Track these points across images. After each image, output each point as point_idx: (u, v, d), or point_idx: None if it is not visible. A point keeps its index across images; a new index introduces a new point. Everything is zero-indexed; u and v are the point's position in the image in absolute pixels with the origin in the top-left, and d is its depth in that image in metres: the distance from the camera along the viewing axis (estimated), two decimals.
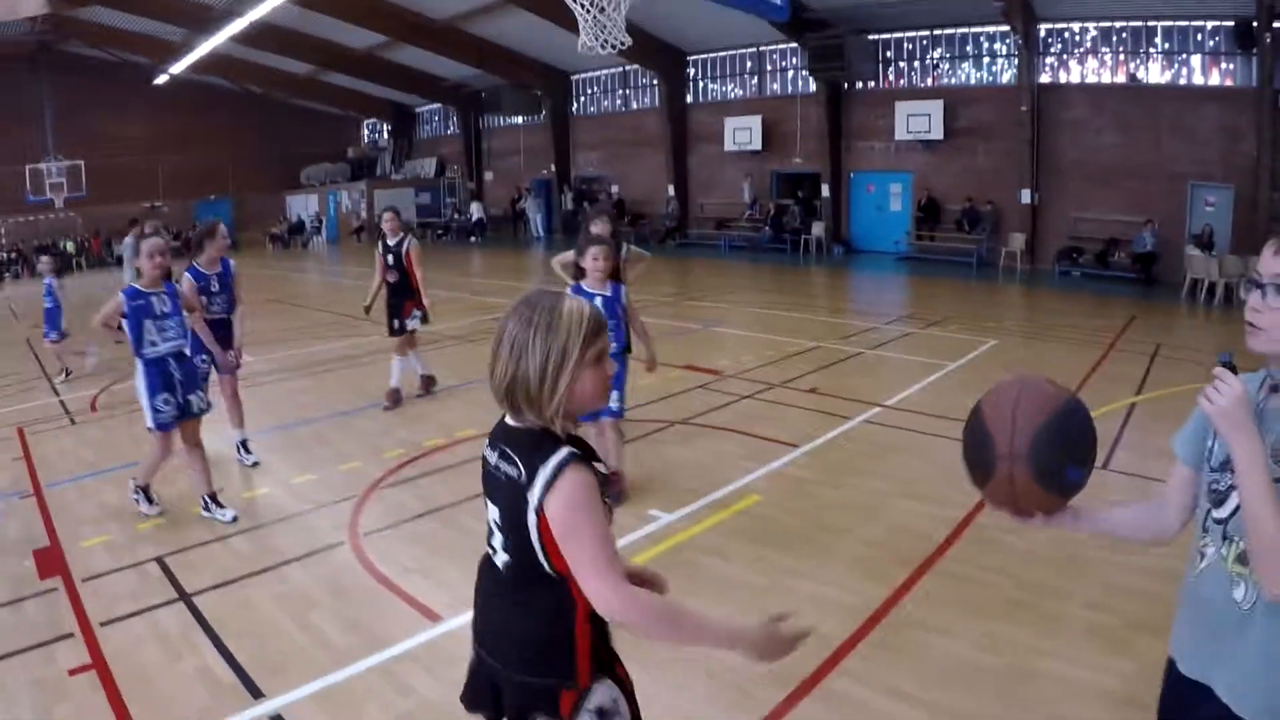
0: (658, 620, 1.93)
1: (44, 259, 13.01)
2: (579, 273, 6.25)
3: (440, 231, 37.19)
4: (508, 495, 2.01)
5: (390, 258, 9.29)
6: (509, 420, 2.08)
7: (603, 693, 2.07)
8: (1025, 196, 21.73)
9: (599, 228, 7.70)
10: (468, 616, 3.34)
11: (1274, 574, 1.79)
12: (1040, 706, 3.80)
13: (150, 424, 6.01)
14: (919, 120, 23.23)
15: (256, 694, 4.08)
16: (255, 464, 7.48)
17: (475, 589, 2.27)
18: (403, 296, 9.34)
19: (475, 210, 35.62)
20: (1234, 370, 1.88)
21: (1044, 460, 2.02)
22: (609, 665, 2.14)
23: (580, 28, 11.52)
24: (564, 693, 2.04)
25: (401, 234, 9.39)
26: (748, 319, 14.68)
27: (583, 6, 11.16)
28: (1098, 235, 20.48)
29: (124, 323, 5.87)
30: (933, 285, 19.37)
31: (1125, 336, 12.60)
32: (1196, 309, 16.33)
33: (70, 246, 32.52)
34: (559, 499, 1.90)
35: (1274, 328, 1.91)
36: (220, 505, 6.22)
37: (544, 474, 1.91)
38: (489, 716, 2.22)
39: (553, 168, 34.19)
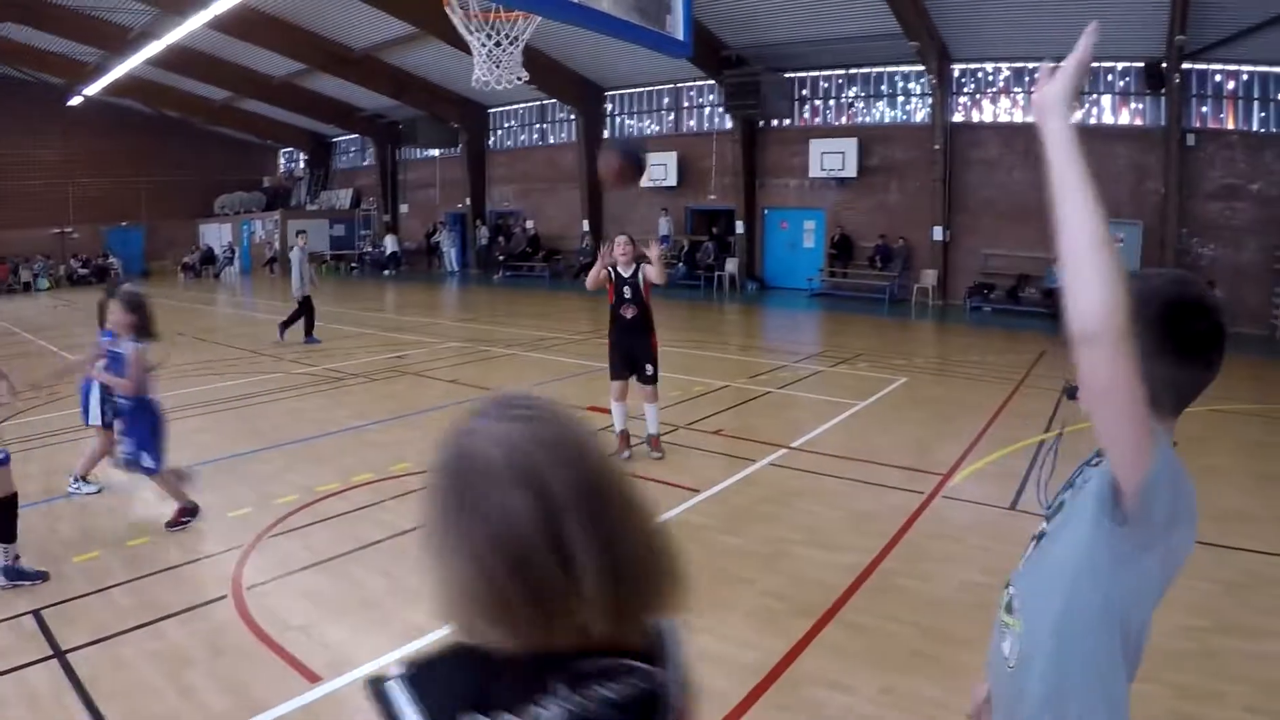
0: None
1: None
2: None
3: (353, 265, 36.86)
4: None
5: None
6: None
7: None
8: (937, 233, 22.14)
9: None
10: (349, 678, 3.14)
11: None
12: None
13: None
14: (833, 158, 23.55)
15: None
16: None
17: None
18: None
19: (390, 243, 35.19)
20: None
21: None
22: None
23: (475, 61, 11.05)
24: None
25: None
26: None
27: (479, 40, 10.79)
28: (1008, 271, 20.95)
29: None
30: (844, 322, 19.56)
31: (1035, 372, 12.82)
32: None
33: None
34: None
35: None
36: None
37: None
38: None
39: (468, 201, 33.95)
